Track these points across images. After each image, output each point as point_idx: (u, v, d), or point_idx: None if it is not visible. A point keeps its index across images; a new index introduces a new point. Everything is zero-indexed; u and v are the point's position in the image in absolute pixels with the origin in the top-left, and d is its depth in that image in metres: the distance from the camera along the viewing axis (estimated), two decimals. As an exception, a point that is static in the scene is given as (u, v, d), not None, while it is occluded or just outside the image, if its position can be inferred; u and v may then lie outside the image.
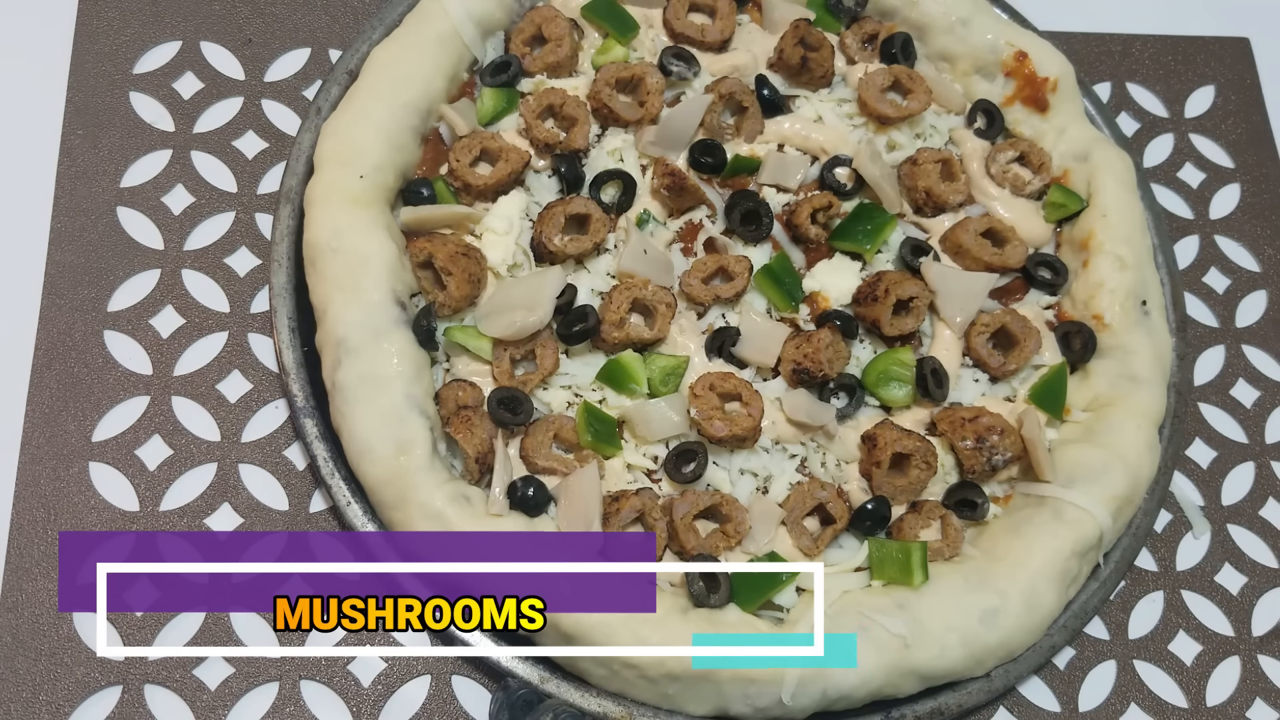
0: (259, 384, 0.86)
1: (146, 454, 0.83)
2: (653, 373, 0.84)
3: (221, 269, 0.89)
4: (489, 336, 0.82)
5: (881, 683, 0.76)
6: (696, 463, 0.81)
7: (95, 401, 0.83)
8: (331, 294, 0.81)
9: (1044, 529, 0.81)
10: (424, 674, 0.79)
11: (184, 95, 0.94)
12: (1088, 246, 0.91)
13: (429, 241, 0.84)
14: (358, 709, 0.77)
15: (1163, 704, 0.85)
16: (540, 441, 0.81)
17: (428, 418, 0.79)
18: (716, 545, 0.79)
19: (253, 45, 0.96)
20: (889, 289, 0.87)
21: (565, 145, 0.90)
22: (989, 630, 0.78)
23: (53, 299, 0.86)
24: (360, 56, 0.91)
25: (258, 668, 0.77)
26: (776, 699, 0.75)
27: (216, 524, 0.81)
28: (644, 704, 0.76)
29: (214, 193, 0.91)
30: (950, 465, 0.85)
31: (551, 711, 0.74)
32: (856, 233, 0.90)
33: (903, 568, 0.79)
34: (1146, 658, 0.86)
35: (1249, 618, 0.89)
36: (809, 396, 0.84)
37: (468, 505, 0.77)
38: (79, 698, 0.75)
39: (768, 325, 0.86)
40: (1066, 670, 0.85)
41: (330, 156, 0.85)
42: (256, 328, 0.87)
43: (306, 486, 0.83)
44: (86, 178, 0.90)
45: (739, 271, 0.87)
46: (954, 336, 0.88)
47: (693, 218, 0.91)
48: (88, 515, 0.80)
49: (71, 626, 0.77)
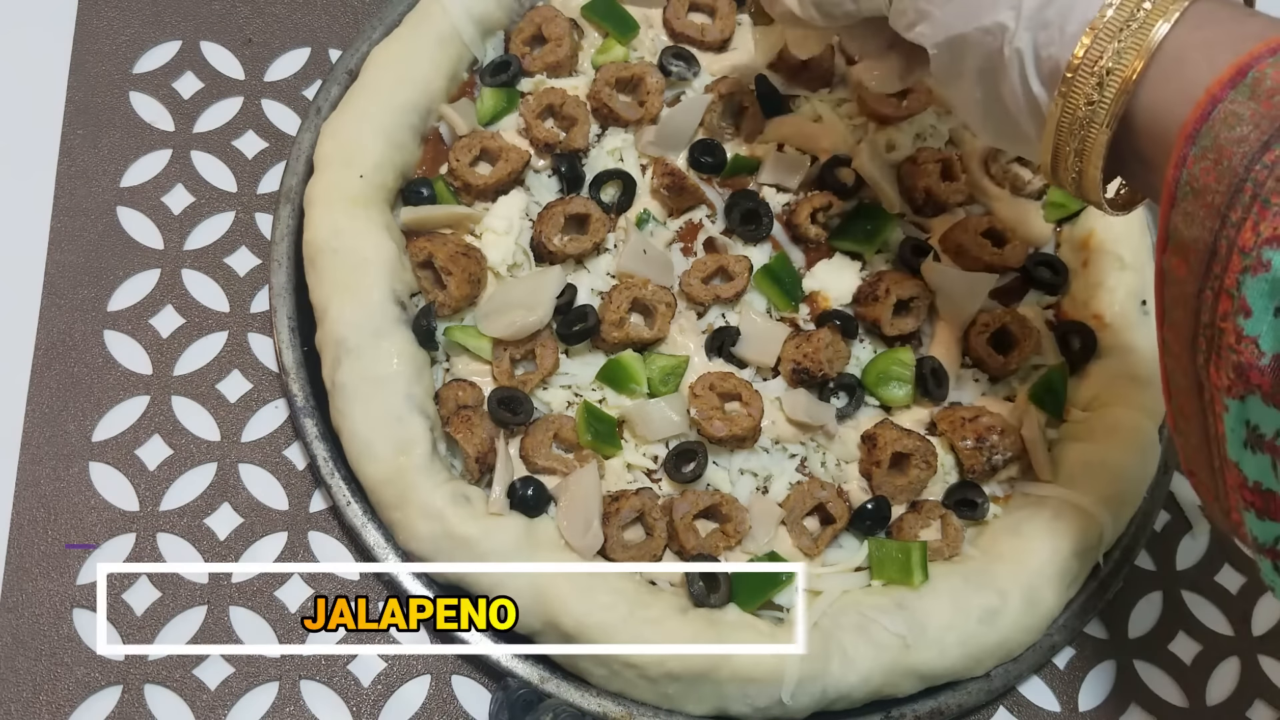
0: (259, 384, 0.86)
1: (146, 454, 0.83)
2: (652, 372, 0.84)
3: (221, 269, 0.89)
4: (489, 336, 0.83)
5: (881, 682, 0.76)
6: (696, 462, 0.81)
7: (95, 401, 0.83)
8: (331, 294, 0.81)
9: (1044, 529, 0.81)
10: (424, 673, 0.79)
11: (184, 95, 0.94)
12: (1087, 246, 0.91)
13: (429, 241, 0.84)
14: (357, 708, 0.77)
15: (1162, 703, 0.85)
16: (540, 441, 0.81)
17: (428, 417, 0.79)
18: (716, 545, 0.79)
19: (253, 45, 0.96)
20: (889, 289, 0.87)
21: (565, 145, 0.90)
22: (989, 630, 0.78)
23: (52, 299, 0.86)
24: (360, 56, 0.91)
25: (257, 667, 0.77)
26: (776, 698, 0.75)
27: (216, 523, 0.81)
28: (644, 704, 0.76)
29: (214, 192, 0.91)
30: (950, 465, 0.85)
31: (551, 711, 0.74)
32: (856, 232, 0.90)
33: (902, 567, 0.79)
34: (1146, 657, 0.86)
35: (1249, 618, 0.89)
36: (809, 396, 0.84)
37: (468, 505, 0.77)
38: (79, 697, 0.75)
39: (767, 325, 0.86)
40: (1066, 670, 0.85)
41: (330, 156, 0.85)
42: (256, 327, 0.87)
43: (306, 486, 0.83)
44: (86, 177, 0.90)
45: (739, 271, 0.87)
46: (954, 336, 0.88)
47: (692, 217, 0.91)
48: (88, 515, 0.80)
49: (71, 626, 0.77)
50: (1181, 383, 0.58)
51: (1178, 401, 0.59)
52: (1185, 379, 0.57)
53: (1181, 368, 0.57)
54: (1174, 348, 0.57)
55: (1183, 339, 0.56)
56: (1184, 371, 0.57)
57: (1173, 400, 0.60)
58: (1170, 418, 0.60)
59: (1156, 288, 0.58)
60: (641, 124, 0.91)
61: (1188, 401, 0.58)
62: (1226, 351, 0.52)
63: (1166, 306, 0.57)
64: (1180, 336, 0.56)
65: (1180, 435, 0.60)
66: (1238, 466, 0.55)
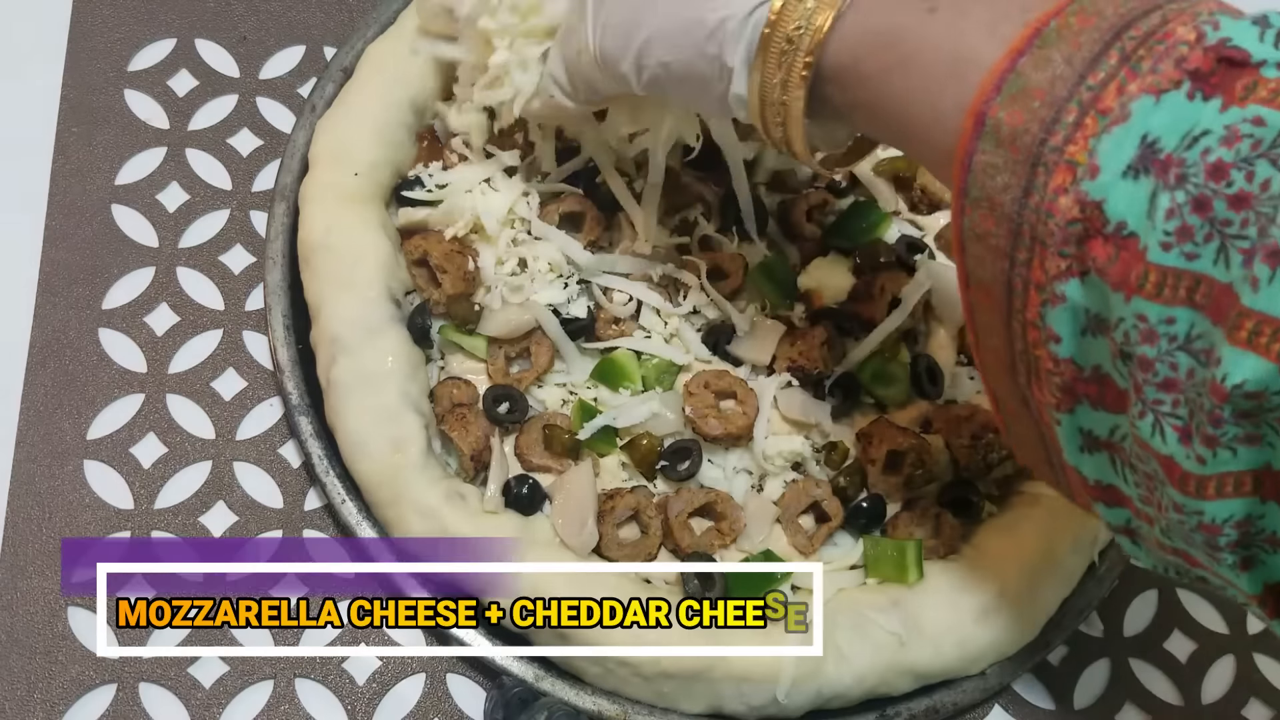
0: (254, 381, 0.86)
1: (141, 452, 0.82)
2: (647, 370, 0.84)
3: (216, 266, 0.89)
4: (484, 334, 0.83)
5: (876, 681, 0.76)
6: (691, 460, 0.81)
7: (90, 399, 0.83)
8: (326, 291, 0.81)
9: (1039, 527, 0.81)
10: (419, 672, 0.79)
11: (179, 93, 0.94)
12: (1083, 244, 0.90)
13: (424, 239, 0.84)
14: (352, 707, 0.77)
15: (1157, 701, 0.85)
16: (535, 439, 0.81)
17: (422, 415, 0.79)
18: (711, 543, 0.79)
19: (247, 43, 0.96)
20: (884, 286, 0.87)
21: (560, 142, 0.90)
22: (984, 628, 0.78)
23: (47, 297, 0.86)
24: (355, 54, 0.91)
25: (252, 666, 0.77)
26: (771, 697, 0.74)
27: (211, 521, 0.81)
28: (639, 702, 0.76)
29: (208, 190, 0.91)
30: (945, 463, 0.85)
31: (546, 710, 0.74)
32: (852, 230, 0.90)
33: (897, 566, 0.79)
34: (1141, 655, 0.86)
35: (1244, 615, 0.89)
36: (804, 394, 0.84)
37: (462, 503, 0.77)
38: (74, 696, 0.75)
39: (763, 323, 0.86)
40: (1061, 668, 0.85)
41: (325, 154, 0.85)
42: (251, 325, 0.87)
43: (301, 484, 0.83)
44: (81, 175, 0.90)
45: (734, 269, 0.87)
46: (949, 334, 0.88)
47: (687, 215, 0.90)
48: (82, 513, 0.80)
49: (66, 624, 0.77)
50: (1006, 398, 0.61)
51: (1006, 411, 0.62)
52: (1009, 396, 0.60)
53: (1004, 386, 0.60)
54: (994, 369, 0.60)
55: (1001, 363, 0.58)
56: (1007, 390, 0.60)
57: (1000, 410, 0.62)
58: (1001, 425, 0.63)
59: (966, 317, 0.60)
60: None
61: (1015, 411, 0.61)
62: (1046, 375, 0.54)
63: (979, 334, 0.59)
64: (999, 360, 0.58)
65: (1012, 438, 0.63)
66: (1077, 470, 0.58)
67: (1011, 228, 0.53)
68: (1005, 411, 0.62)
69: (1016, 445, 0.65)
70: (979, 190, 0.53)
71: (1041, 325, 0.53)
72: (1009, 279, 0.54)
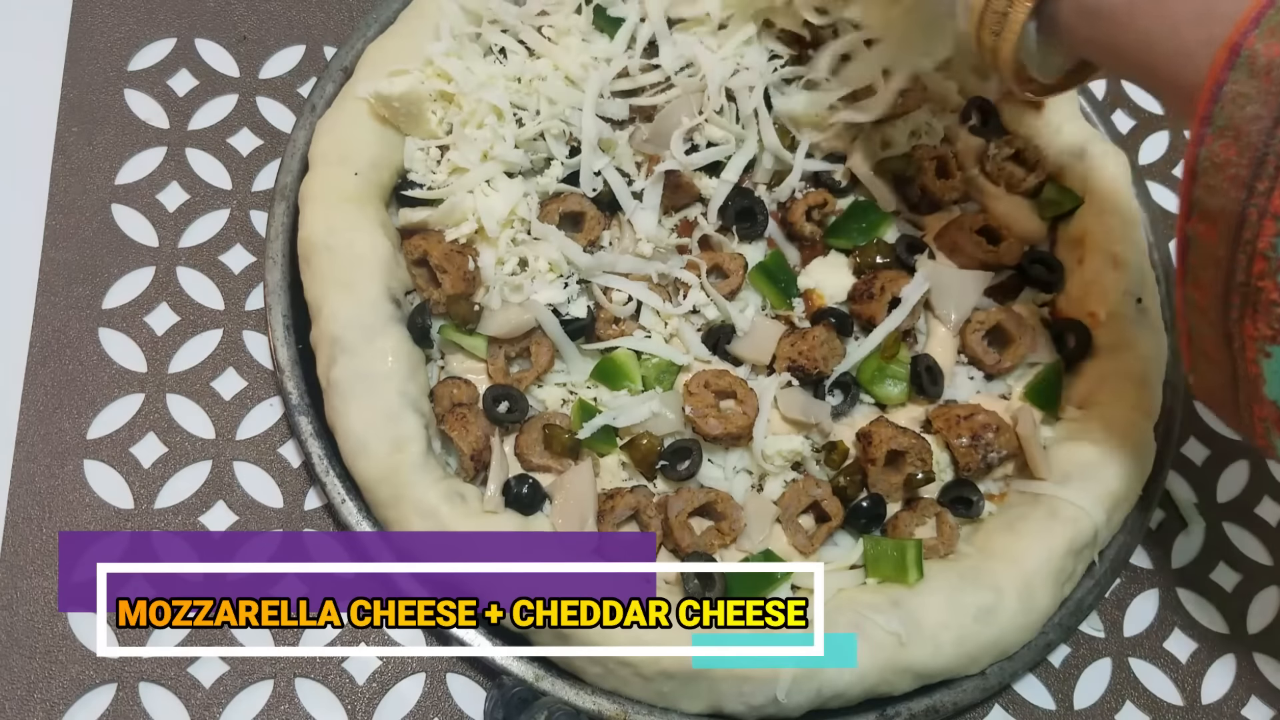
0: (254, 381, 0.86)
1: (141, 451, 0.82)
2: (647, 370, 0.84)
3: (216, 266, 0.89)
4: (484, 334, 0.83)
5: (876, 681, 0.76)
6: (691, 460, 0.81)
7: (90, 399, 0.83)
8: (326, 291, 0.81)
9: (1039, 526, 0.81)
10: (419, 672, 0.79)
11: (179, 92, 0.94)
12: (1083, 243, 0.91)
13: (424, 239, 0.84)
14: (352, 706, 0.77)
15: (1158, 701, 0.85)
16: (535, 439, 0.81)
17: (422, 415, 0.79)
18: (711, 543, 0.79)
19: (247, 42, 0.96)
20: (884, 286, 0.87)
21: (560, 142, 0.90)
22: (984, 628, 0.78)
23: (47, 296, 0.86)
24: (355, 53, 0.91)
25: (252, 666, 0.77)
26: (771, 697, 0.74)
27: (211, 521, 0.81)
28: (639, 702, 0.76)
29: (209, 190, 0.91)
30: (945, 463, 0.85)
31: (546, 709, 0.74)
32: (851, 230, 0.90)
33: (898, 565, 0.79)
34: (1141, 655, 0.86)
35: (1244, 615, 0.89)
36: (804, 394, 0.84)
37: (462, 503, 0.76)
38: (74, 695, 0.75)
39: (763, 322, 0.86)
40: (1061, 668, 0.85)
41: (325, 154, 0.85)
42: (251, 325, 0.87)
43: (301, 484, 0.83)
44: (81, 175, 0.90)
45: (734, 269, 0.87)
46: (949, 334, 0.88)
47: (687, 215, 0.91)
48: (82, 513, 0.80)
49: (66, 624, 0.77)
50: (1207, 334, 0.62)
51: (1198, 349, 0.64)
52: (1212, 330, 0.62)
53: (1209, 321, 0.61)
54: (1200, 303, 0.62)
55: (1212, 296, 0.60)
56: (1211, 324, 0.61)
57: (1193, 348, 0.64)
58: (1188, 363, 0.66)
59: (1179, 252, 0.62)
60: (635, 121, 0.91)
61: (1210, 350, 0.62)
62: (1267, 306, 0.56)
63: (1191, 268, 0.61)
64: (1209, 294, 0.60)
65: (1199, 376, 0.66)
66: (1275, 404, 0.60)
67: (1255, 157, 0.54)
68: (1196, 350, 0.64)
69: (1200, 384, 0.66)
70: (1225, 119, 0.55)
71: (1272, 255, 0.55)
72: (1243, 208, 0.56)
